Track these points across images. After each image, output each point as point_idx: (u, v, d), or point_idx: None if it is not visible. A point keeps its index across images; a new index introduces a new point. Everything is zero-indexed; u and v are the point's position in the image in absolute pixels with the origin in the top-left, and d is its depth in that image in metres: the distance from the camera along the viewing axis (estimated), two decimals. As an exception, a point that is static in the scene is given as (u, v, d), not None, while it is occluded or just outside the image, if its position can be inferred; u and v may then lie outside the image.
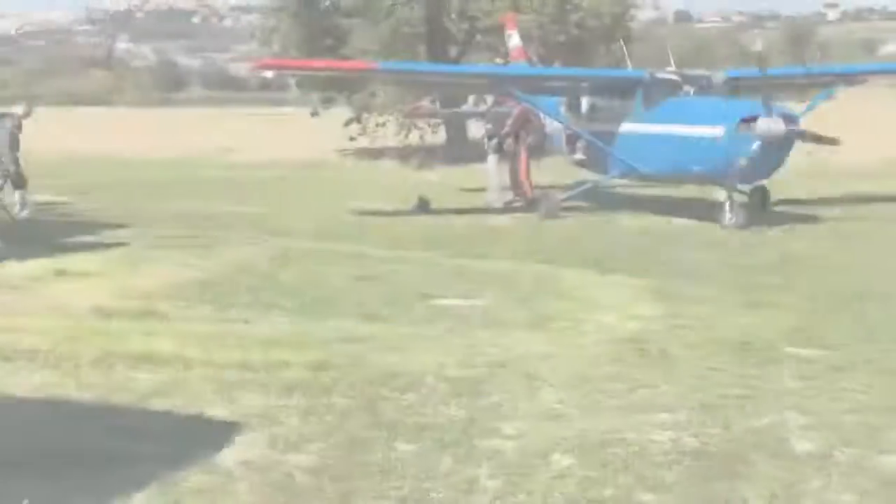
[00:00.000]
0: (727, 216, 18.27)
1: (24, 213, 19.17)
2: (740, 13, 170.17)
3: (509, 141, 22.17)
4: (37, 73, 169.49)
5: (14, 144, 19.35)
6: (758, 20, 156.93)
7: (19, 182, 19.41)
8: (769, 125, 17.62)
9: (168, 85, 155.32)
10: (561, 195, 21.18)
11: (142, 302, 11.24)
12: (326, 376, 8.33)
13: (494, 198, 22.17)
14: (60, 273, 12.70)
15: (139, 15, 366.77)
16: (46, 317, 10.45)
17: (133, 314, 10.61)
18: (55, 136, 51.44)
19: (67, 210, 21.04)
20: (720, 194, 18.65)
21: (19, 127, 19.52)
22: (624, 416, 7.44)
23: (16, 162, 19.31)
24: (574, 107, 22.40)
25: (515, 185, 22.49)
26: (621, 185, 23.13)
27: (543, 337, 9.93)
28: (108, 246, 15.19)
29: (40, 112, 21.95)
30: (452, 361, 8.89)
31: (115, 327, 9.89)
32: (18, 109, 20.02)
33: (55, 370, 8.35)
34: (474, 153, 35.14)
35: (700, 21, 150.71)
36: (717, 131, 18.27)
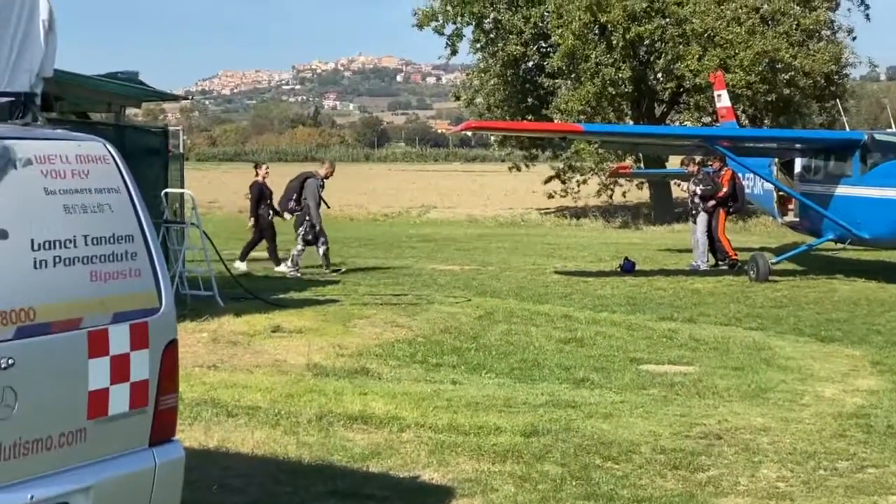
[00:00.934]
0: (952, 284, 17.45)
1: (322, 270, 19.88)
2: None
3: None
4: (248, 130, 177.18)
5: (318, 203, 20.09)
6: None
7: (311, 240, 20.09)
8: None
9: (371, 141, 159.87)
10: (772, 258, 20.61)
11: (354, 360, 11.45)
12: (538, 442, 8.27)
13: (701, 260, 21.77)
14: (276, 329, 13.06)
15: (346, 74, 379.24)
16: (265, 373, 10.75)
17: (347, 372, 10.81)
18: (266, 191, 53.28)
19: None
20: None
21: (322, 186, 20.25)
22: (852, 497, 7.12)
23: (318, 221, 20.01)
24: (787, 168, 21.86)
25: (719, 247, 22.04)
26: (836, 249, 22.36)
27: (760, 408, 9.62)
28: (319, 302, 15.55)
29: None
30: (666, 431, 8.70)
31: (330, 386, 10.08)
32: (321, 169, 20.77)
33: (275, 427, 8.55)
34: (679, 213, 34.78)
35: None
36: (944, 196, 17.48)
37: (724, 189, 21.68)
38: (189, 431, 8.24)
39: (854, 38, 40.04)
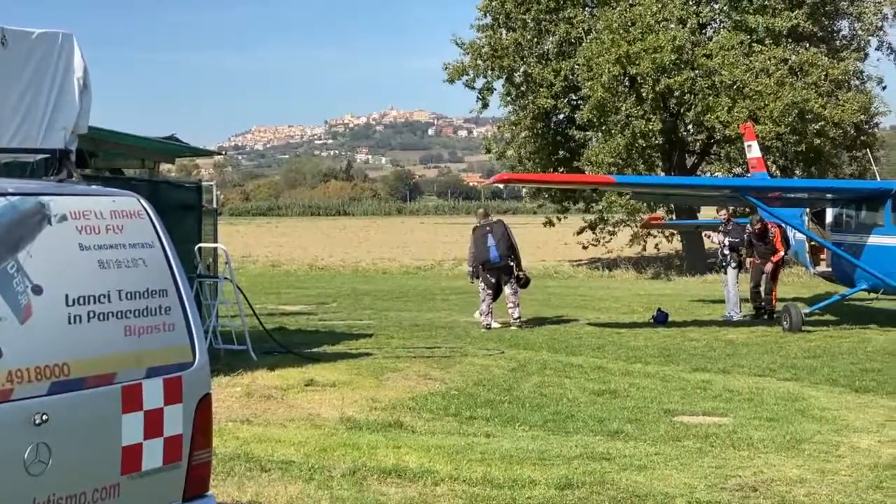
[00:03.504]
0: None
1: None
2: None
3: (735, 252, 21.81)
4: (281, 184, 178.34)
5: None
6: None
7: None
8: None
9: (404, 194, 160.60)
10: (805, 308, 20.48)
11: (388, 413, 11.43)
12: (573, 495, 8.21)
13: (734, 310, 21.66)
14: (309, 383, 13.06)
15: (378, 128, 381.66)
16: (298, 427, 10.74)
17: (380, 426, 10.78)
18: (299, 246, 53.61)
19: (312, 319, 21.75)
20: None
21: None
22: (891, 550, 7.01)
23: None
24: (818, 218, 21.78)
25: (755, 297, 21.91)
26: (869, 298, 22.19)
27: (796, 460, 9.51)
28: (352, 356, 15.56)
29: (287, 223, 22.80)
30: (702, 484, 8.61)
31: (364, 439, 10.06)
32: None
33: (309, 482, 8.51)
34: (711, 264, 34.61)
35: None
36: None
37: (780, 253, 21.55)
38: (222, 486, 8.23)
39: (884, 88, 40.08)
